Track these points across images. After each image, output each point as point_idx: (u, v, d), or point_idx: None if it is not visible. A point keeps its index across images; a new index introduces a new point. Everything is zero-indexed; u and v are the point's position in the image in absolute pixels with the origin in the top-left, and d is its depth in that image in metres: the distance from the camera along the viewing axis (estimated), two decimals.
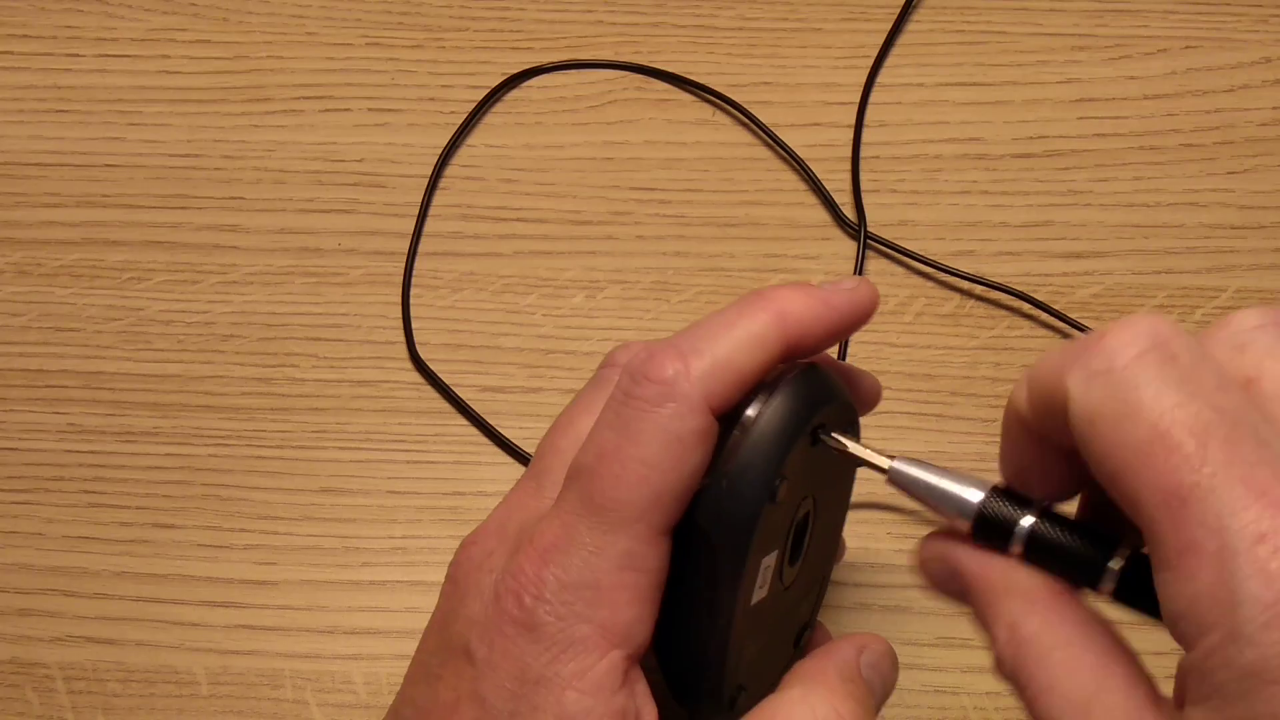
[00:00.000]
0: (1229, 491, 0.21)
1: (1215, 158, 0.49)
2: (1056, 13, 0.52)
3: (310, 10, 0.53)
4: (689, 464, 0.28)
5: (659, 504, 0.28)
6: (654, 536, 0.28)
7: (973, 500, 0.27)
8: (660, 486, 0.28)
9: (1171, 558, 0.22)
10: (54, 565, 0.43)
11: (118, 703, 0.41)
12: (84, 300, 0.48)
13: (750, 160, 0.50)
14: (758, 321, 0.29)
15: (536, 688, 0.27)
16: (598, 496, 0.28)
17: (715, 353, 0.28)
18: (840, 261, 0.48)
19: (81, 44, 0.52)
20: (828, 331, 0.30)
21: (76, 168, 0.50)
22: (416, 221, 0.49)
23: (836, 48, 0.52)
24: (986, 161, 0.50)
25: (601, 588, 0.28)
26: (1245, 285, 0.47)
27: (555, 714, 0.27)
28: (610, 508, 0.28)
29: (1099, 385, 0.23)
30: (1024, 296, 0.47)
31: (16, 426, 0.46)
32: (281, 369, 0.47)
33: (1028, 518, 0.26)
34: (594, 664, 0.27)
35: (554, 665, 0.27)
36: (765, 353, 0.29)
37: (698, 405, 0.28)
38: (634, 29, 0.52)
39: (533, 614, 0.28)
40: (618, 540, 0.28)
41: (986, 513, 0.26)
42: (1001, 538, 0.26)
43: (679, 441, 0.28)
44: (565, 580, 0.28)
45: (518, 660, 0.28)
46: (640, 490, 0.28)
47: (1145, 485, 0.22)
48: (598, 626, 0.27)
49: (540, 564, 0.28)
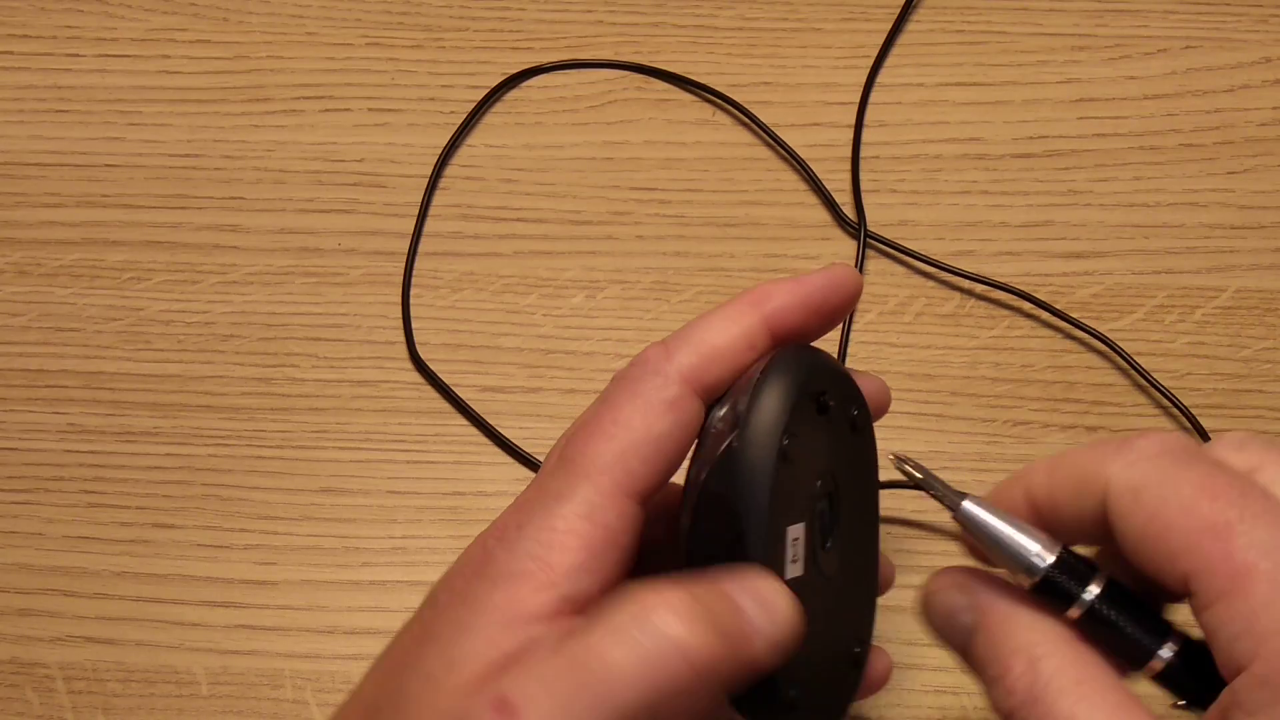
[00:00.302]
0: (1269, 525, 0.25)
1: (1215, 158, 0.49)
2: (1056, 13, 0.52)
3: (310, 10, 0.53)
4: (658, 427, 0.30)
5: (623, 460, 0.29)
6: (615, 492, 0.29)
7: (1045, 560, 0.27)
8: (626, 443, 0.29)
9: (1224, 584, 0.25)
10: (54, 565, 0.43)
11: (118, 703, 0.41)
12: (84, 300, 0.48)
13: (750, 160, 0.50)
14: (735, 306, 0.31)
15: (472, 612, 0.28)
16: (570, 451, 0.30)
17: (694, 336, 0.31)
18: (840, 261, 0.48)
19: (81, 44, 0.52)
20: (805, 307, 0.32)
21: (76, 168, 0.50)
22: (416, 221, 0.49)
23: (836, 48, 0.52)
24: (986, 161, 0.50)
25: (555, 530, 0.29)
26: (1245, 285, 0.47)
27: (485, 638, 0.28)
28: (578, 460, 0.30)
29: (1140, 466, 0.27)
30: (1025, 295, 0.47)
31: (16, 426, 0.46)
32: (281, 369, 0.47)
33: (1094, 586, 0.27)
34: (532, 593, 0.28)
35: (492, 594, 0.28)
36: (742, 329, 0.31)
37: (672, 377, 0.30)
38: (634, 29, 0.52)
39: (489, 553, 0.29)
40: (578, 489, 0.29)
41: (1055, 576, 0.27)
42: (1062, 600, 0.27)
43: (649, 405, 0.30)
44: (523, 522, 0.29)
45: (466, 593, 0.29)
46: (607, 445, 0.30)
47: (1194, 529, 0.25)
48: (540, 564, 0.29)
49: (510, 513, 0.30)
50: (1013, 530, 0.28)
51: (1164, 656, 0.27)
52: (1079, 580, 0.27)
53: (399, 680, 0.29)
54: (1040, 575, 0.27)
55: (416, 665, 0.28)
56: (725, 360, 0.31)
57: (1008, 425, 0.45)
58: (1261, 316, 0.47)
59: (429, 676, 0.28)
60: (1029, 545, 0.27)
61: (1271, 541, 0.25)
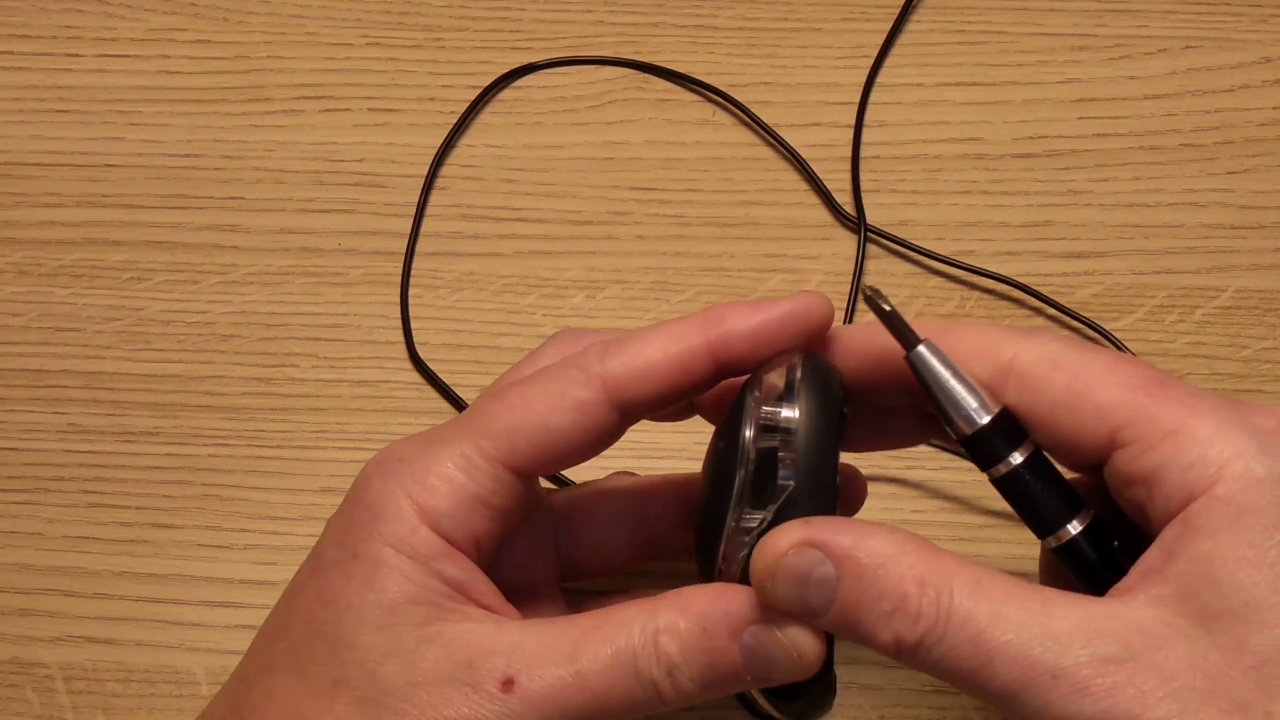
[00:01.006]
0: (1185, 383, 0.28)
1: (1215, 158, 0.49)
2: (1056, 13, 0.52)
3: (310, 10, 0.53)
4: (556, 420, 0.30)
5: (511, 434, 0.30)
6: (496, 457, 0.30)
7: (984, 416, 0.28)
8: (523, 421, 0.30)
9: (1169, 425, 0.27)
10: (54, 565, 0.43)
11: (118, 703, 0.41)
12: (84, 300, 0.48)
13: (750, 160, 0.50)
14: (684, 325, 0.31)
15: (359, 540, 0.30)
16: (476, 405, 0.31)
17: (633, 346, 0.31)
18: (840, 261, 0.48)
19: (81, 44, 0.52)
20: (757, 337, 0.31)
21: (76, 168, 0.50)
22: (413, 221, 0.49)
23: (836, 48, 0.52)
24: (986, 161, 0.50)
25: (430, 473, 0.30)
26: (1245, 285, 0.47)
27: (371, 562, 0.30)
28: (475, 418, 0.31)
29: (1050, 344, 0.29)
30: (1025, 288, 0.47)
31: (16, 426, 0.46)
32: (281, 369, 0.47)
33: (1022, 452, 0.28)
34: (409, 534, 0.30)
35: (375, 524, 0.30)
36: (682, 351, 0.30)
37: (593, 381, 0.30)
38: (634, 29, 0.52)
39: (369, 479, 0.31)
40: (463, 443, 0.30)
41: (990, 433, 0.28)
42: (989, 458, 0.28)
43: (560, 395, 0.30)
44: (404, 455, 0.31)
45: (349, 517, 0.31)
46: (505, 414, 0.30)
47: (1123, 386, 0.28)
48: (413, 501, 0.30)
49: (399, 446, 0.31)
50: (960, 382, 0.28)
51: (1075, 528, 0.28)
52: (1010, 443, 0.28)
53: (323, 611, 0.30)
54: (976, 428, 0.28)
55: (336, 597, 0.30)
56: (655, 378, 0.31)
57: None
58: (1261, 316, 0.47)
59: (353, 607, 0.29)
60: (972, 399, 0.28)
61: (1197, 393, 0.27)
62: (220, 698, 0.32)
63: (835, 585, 0.27)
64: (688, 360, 0.31)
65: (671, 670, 0.28)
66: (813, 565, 0.27)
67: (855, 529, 0.27)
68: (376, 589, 0.29)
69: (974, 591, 0.26)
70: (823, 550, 0.27)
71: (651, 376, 0.30)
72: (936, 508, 0.44)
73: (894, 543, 0.27)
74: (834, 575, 0.27)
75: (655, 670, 0.28)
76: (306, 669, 0.29)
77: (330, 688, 0.29)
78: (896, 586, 0.26)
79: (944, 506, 0.44)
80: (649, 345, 0.31)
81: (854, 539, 0.27)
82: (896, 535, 0.27)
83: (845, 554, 0.27)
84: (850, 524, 0.27)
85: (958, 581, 0.26)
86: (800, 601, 0.27)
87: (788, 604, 0.27)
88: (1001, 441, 0.28)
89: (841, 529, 0.27)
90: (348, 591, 0.30)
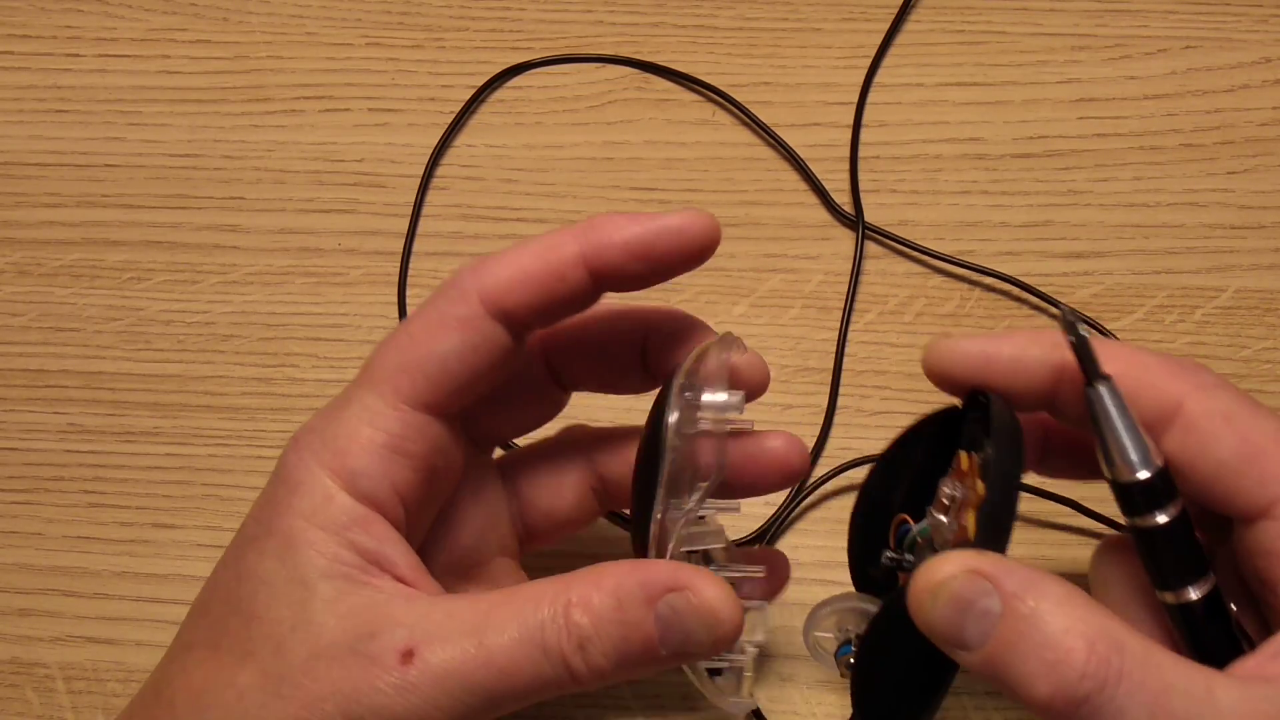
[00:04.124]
0: None
1: (1215, 158, 0.49)
2: (1056, 13, 0.52)
3: (310, 10, 0.53)
4: (443, 343, 0.30)
5: (405, 371, 0.30)
6: (396, 400, 0.30)
7: (1149, 467, 0.28)
8: (413, 355, 0.30)
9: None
10: (54, 565, 0.43)
11: (118, 703, 0.41)
12: (84, 300, 0.48)
13: (750, 160, 0.50)
14: (560, 234, 0.31)
15: (273, 516, 0.30)
16: (368, 365, 0.31)
17: (507, 257, 0.31)
18: (840, 261, 0.48)
19: (81, 44, 0.52)
20: (633, 248, 0.31)
21: (76, 168, 0.50)
22: (410, 220, 0.49)
23: (836, 48, 0.52)
24: (986, 161, 0.49)
25: (339, 435, 0.30)
26: (1245, 285, 0.47)
27: (285, 538, 0.30)
28: (370, 369, 0.31)
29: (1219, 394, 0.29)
30: (1024, 285, 0.47)
31: (16, 426, 0.46)
32: (281, 369, 0.47)
33: (1173, 508, 0.28)
34: (323, 501, 0.30)
35: (288, 500, 0.30)
36: (558, 259, 0.31)
37: (470, 296, 0.30)
38: (634, 29, 0.52)
39: (284, 460, 0.31)
40: (364, 397, 0.31)
41: (1151, 484, 0.28)
42: (1141, 509, 0.28)
43: (441, 321, 0.30)
44: (313, 425, 0.31)
45: (266, 494, 0.31)
46: (394, 356, 0.31)
47: None
48: (326, 467, 0.30)
49: (313, 420, 0.31)
50: (1129, 428, 0.28)
51: (1196, 592, 0.28)
52: (1161, 501, 0.28)
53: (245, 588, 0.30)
54: (1135, 480, 0.28)
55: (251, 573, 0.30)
56: (532, 286, 0.30)
57: None
58: (1261, 316, 0.47)
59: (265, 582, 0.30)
60: (1138, 449, 0.28)
61: None
62: (149, 677, 0.32)
63: (996, 620, 0.26)
64: (562, 267, 0.31)
65: (583, 644, 0.28)
66: (978, 595, 0.26)
67: (1027, 572, 0.27)
68: (289, 564, 0.29)
69: (1145, 660, 0.26)
70: (991, 584, 0.26)
71: (527, 284, 0.30)
72: None
73: (1064, 594, 0.26)
74: (998, 610, 0.26)
75: (566, 644, 0.28)
76: (220, 643, 0.30)
77: (238, 660, 0.29)
78: (1062, 639, 0.26)
79: None
80: (522, 254, 0.31)
81: (1025, 581, 0.26)
82: (1066, 586, 0.27)
83: (1014, 593, 0.26)
84: (1023, 567, 0.27)
85: (1130, 646, 0.26)
86: (956, 627, 0.26)
87: (942, 627, 0.27)
88: (1154, 498, 0.28)
89: (1014, 569, 0.27)
90: (262, 568, 0.30)
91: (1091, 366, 0.28)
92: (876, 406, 0.45)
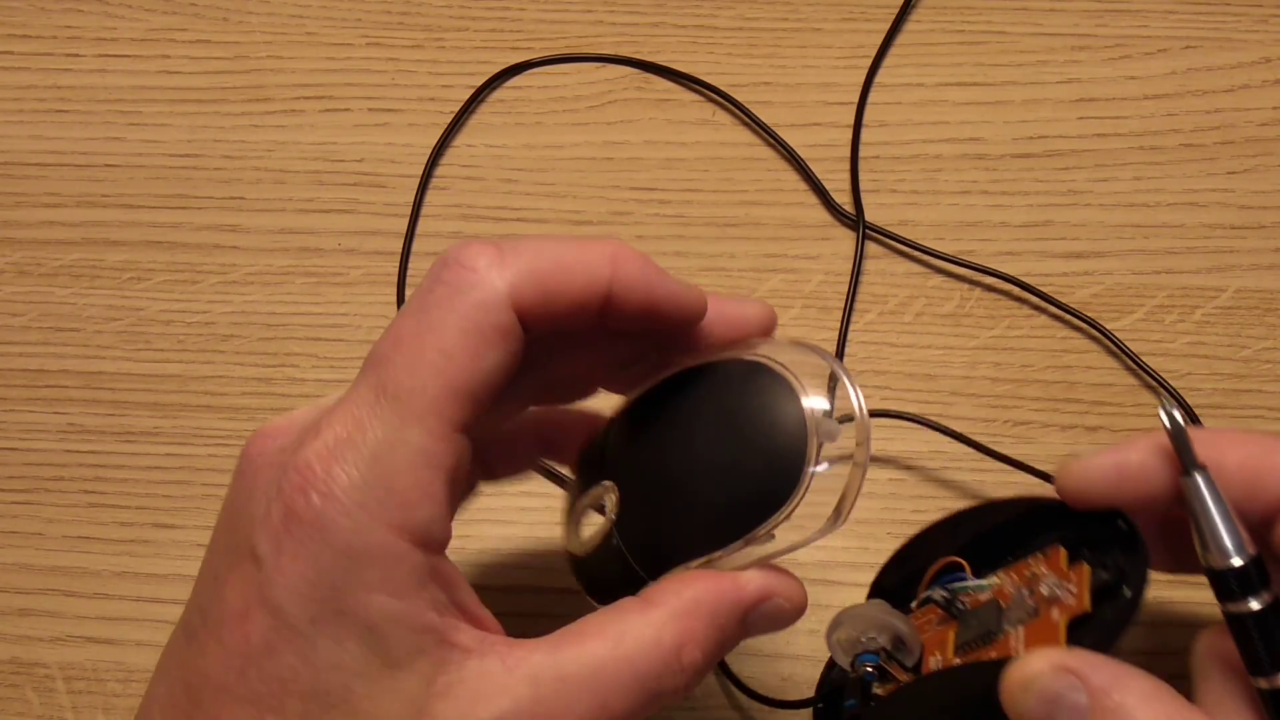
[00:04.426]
0: None
1: (1215, 158, 0.49)
2: (1056, 13, 0.52)
3: (310, 10, 0.53)
4: (487, 360, 0.27)
5: (455, 397, 0.27)
6: (448, 432, 0.27)
7: (1243, 556, 0.29)
8: (456, 379, 0.27)
9: None
10: (54, 565, 0.43)
11: (118, 703, 0.41)
12: (84, 300, 0.48)
13: (750, 160, 0.50)
14: (591, 252, 0.28)
15: (339, 594, 0.26)
16: (391, 386, 0.27)
17: (537, 259, 0.28)
18: (840, 261, 0.48)
19: (81, 44, 0.52)
20: (650, 300, 0.30)
21: (76, 168, 0.50)
22: (410, 220, 0.49)
23: (836, 48, 0.52)
24: (986, 161, 0.49)
25: (395, 488, 0.26)
26: (1245, 285, 0.47)
27: (364, 621, 0.26)
28: (404, 398, 0.27)
29: None
30: (1024, 285, 0.47)
31: (16, 426, 0.46)
32: (281, 369, 0.47)
33: (1266, 595, 0.29)
34: (395, 567, 0.26)
35: (354, 571, 0.26)
36: (586, 281, 0.28)
37: (503, 300, 0.27)
38: (634, 29, 0.52)
39: (323, 515, 0.26)
40: (411, 435, 0.26)
41: (1245, 573, 0.29)
42: (1235, 596, 0.29)
43: (479, 333, 0.27)
44: (356, 479, 0.26)
45: (312, 564, 0.26)
46: (435, 381, 0.27)
47: None
48: (394, 528, 0.26)
49: (329, 460, 0.26)
50: (1225, 518, 0.29)
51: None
52: (1254, 588, 0.29)
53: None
54: (1228, 568, 0.29)
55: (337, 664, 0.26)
56: (558, 298, 0.28)
57: (1008, 425, 0.45)
58: (1261, 316, 0.47)
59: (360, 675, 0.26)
60: (1232, 538, 0.29)
61: None
62: None
63: (1085, 714, 0.27)
64: (590, 291, 0.29)
65: (696, 674, 0.28)
66: (1067, 690, 0.28)
67: (1114, 668, 0.28)
68: (378, 649, 0.26)
69: None
70: (1079, 679, 0.28)
71: (555, 300, 0.28)
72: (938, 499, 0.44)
73: (1149, 689, 0.28)
74: (1085, 705, 0.27)
75: (680, 682, 0.28)
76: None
77: None
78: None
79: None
80: (552, 264, 0.28)
81: (1111, 678, 0.28)
82: (1152, 682, 0.28)
83: (1101, 688, 0.27)
84: (1109, 662, 0.28)
85: None
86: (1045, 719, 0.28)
87: (1032, 718, 0.28)
88: (1247, 585, 0.29)
89: (1101, 665, 0.28)
90: (346, 657, 0.26)
91: (1187, 457, 0.30)
92: (876, 406, 0.45)
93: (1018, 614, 0.31)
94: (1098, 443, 0.44)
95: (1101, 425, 0.45)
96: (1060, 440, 0.44)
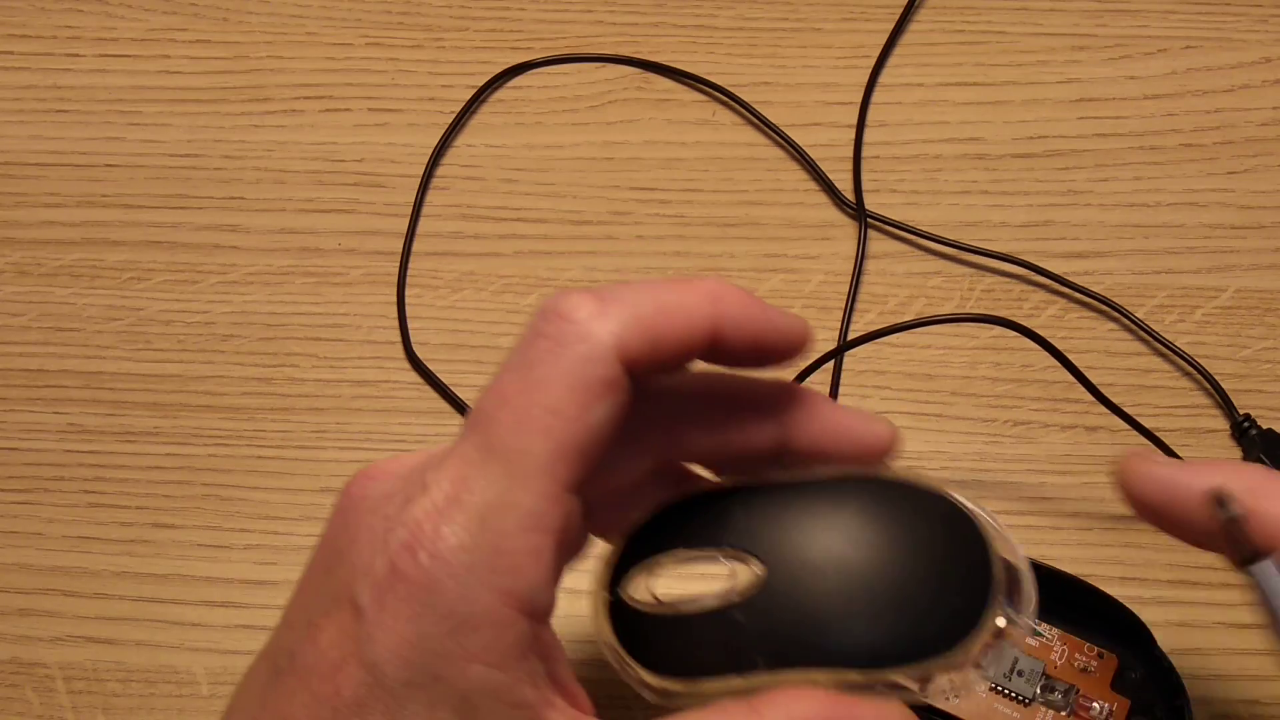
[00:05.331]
0: None
1: (1215, 158, 0.49)
2: (1056, 13, 0.52)
3: (310, 10, 0.53)
4: (596, 415, 0.26)
5: (564, 457, 0.26)
6: (559, 493, 0.26)
7: None
8: (565, 438, 0.26)
9: None
10: (54, 565, 0.43)
11: (118, 703, 0.41)
12: (84, 300, 0.48)
13: (750, 160, 0.50)
14: (692, 293, 0.28)
15: (438, 660, 0.25)
16: (498, 445, 0.26)
17: (639, 306, 0.27)
18: (840, 261, 0.48)
19: (81, 44, 0.52)
20: (755, 335, 0.29)
21: (76, 168, 0.50)
22: (410, 220, 0.49)
23: (837, 48, 0.52)
24: (986, 161, 0.50)
25: (504, 551, 0.25)
26: (1245, 285, 0.47)
27: (460, 690, 0.25)
28: (512, 458, 0.26)
29: None
30: (1029, 264, 0.47)
31: (16, 426, 0.46)
32: (281, 369, 0.47)
33: None
34: (499, 636, 0.25)
35: (456, 637, 0.25)
36: (690, 324, 0.27)
37: (609, 352, 0.26)
38: (634, 29, 0.52)
39: (430, 575, 0.25)
40: (520, 498, 0.26)
41: None
42: None
43: (585, 388, 0.26)
44: (466, 541, 0.25)
45: (414, 625, 0.25)
46: (544, 441, 0.26)
47: None
48: (501, 594, 0.25)
49: (438, 519, 0.25)
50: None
51: None
52: None
53: None
54: None
55: None
56: (663, 345, 0.27)
57: (1008, 425, 0.45)
58: (1261, 316, 0.47)
59: None
60: None
61: None
62: None
63: None
64: (692, 337, 0.28)
65: None
66: None
67: None
68: None
69: None
70: None
71: (659, 349, 0.27)
72: None
73: None
74: None
75: None
76: None
77: None
78: None
79: None
80: (655, 310, 0.27)
81: None
82: None
83: None
84: None
85: None
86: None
87: None
88: None
89: None
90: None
91: (1244, 549, 0.28)
92: (876, 406, 0.45)
93: (1053, 697, 0.31)
94: (1097, 443, 0.44)
95: (1102, 425, 0.45)
96: (1060, 440, 0.44)
